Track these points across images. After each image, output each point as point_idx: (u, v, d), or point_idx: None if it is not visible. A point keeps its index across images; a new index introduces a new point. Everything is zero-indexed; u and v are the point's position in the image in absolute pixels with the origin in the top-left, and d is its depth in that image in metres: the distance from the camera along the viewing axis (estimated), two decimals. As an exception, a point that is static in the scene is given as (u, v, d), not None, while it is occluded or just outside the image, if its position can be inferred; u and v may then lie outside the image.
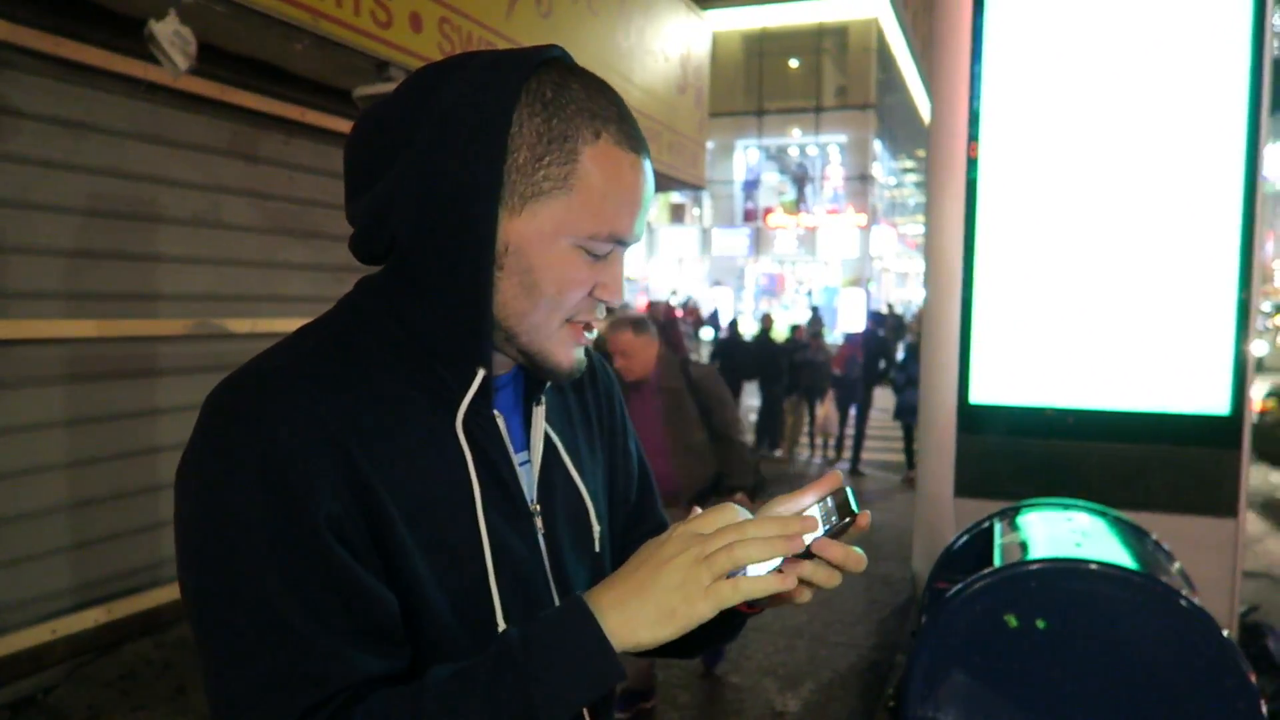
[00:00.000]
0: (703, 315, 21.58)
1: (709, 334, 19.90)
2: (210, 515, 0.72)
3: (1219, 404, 3.47)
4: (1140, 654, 1.92)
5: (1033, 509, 2.71)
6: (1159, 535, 2.59)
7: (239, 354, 0.85)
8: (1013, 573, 2.04)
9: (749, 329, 14.45)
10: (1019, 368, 3.71)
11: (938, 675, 2.02)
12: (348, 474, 0.74)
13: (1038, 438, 3.67)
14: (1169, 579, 2.07)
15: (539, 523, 0.88)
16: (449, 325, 0.80)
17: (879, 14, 25.89)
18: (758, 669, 4.08)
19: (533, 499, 0.89)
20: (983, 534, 2.72)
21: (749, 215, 29.00)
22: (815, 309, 18.93)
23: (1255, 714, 1.83)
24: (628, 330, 3.26)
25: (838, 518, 0.77)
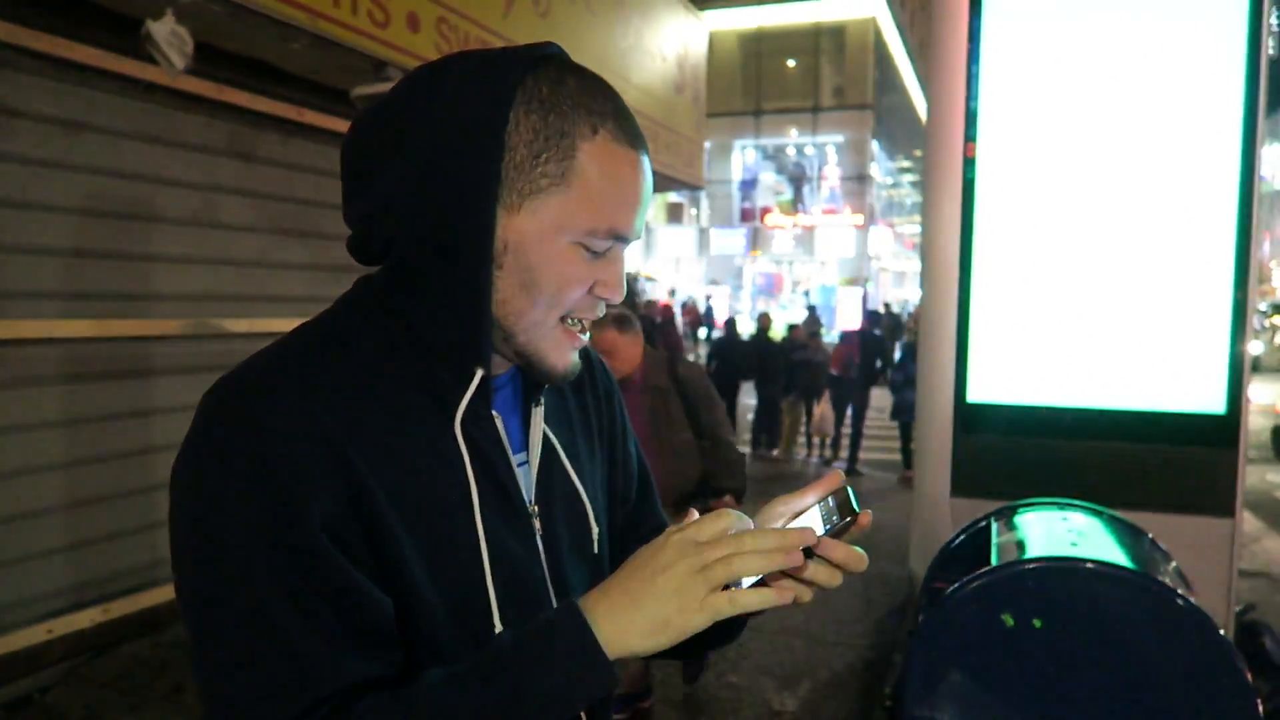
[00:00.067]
0: (700, 315, 21.61)
1: (703, 333, 19.94)
2: (204, 516, 0.72)
3: (1215, 403, 3.48)
4: (1137, 653, 1.93)
5: (1029, 508, 2.72)
6: (1155, 534, 2.59)
7: (236, 354, 0.85)
8: (1009, 572, 2.04)
9: (746, 328, 14.44)
10: (1016, 367, 3.72)
11: (935, 674, 2.02)
12: (343, 475, 0.73)
13: (1035, 437, 3.67)
14: (1166, 578, 2.07)
15: (537, 524, 0.88)
16: (447, 324, 0.79)
17: (876, 14, 25.92)
18: (755, 668, 4.08)
19: (531, 500, 0.88)
20: (979, 533, 2.72)
21: (746, 215, 29.02)
22: (812, 308, 18.95)
23: (1252, 713, 1.83)
24: (612, 328, 3.19)
25: (839, 517, 0.77)
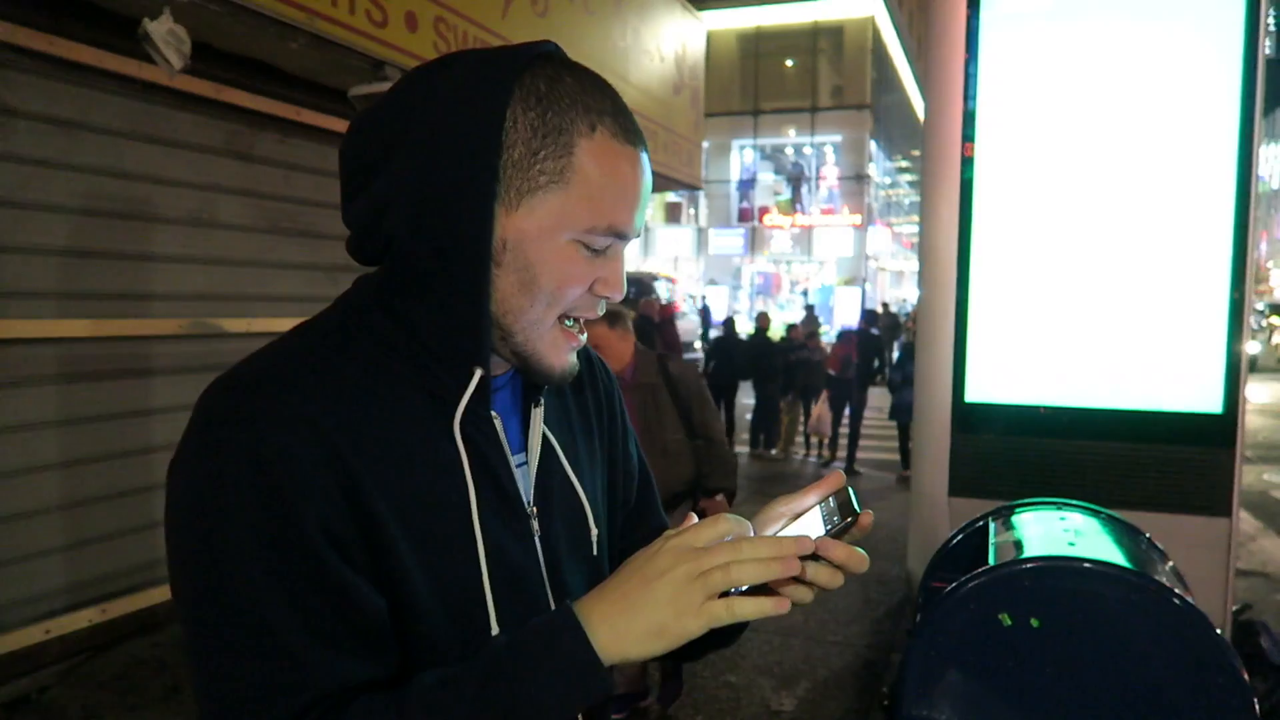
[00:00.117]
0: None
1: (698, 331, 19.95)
2: (199, 516, 0.71)
3: (1213, 403, 3.49)
4: (1134, 653, 1.93)
5: (1027, 508, 2.72)
6: (1152, 534, 2.60)
7: (234, 353, 0.85)
8: (1007, 571, 2.04)
9: (744, 328, 14.46)
10: (1014, 366, 3.72)
11: (932, 674, 2.03)
12: (339, 476, 0.73)
13: (1032, 436, 3.68)
14: (1163, 578, 2.07)
15: (536, 525, 0.87)
16: (446, 324, 0.79)
17: (875, 14, 25.93)
18: (753, 668, 4.08)
19: (530, 501, 0.88)
20: (977, 533, 2.72)
21: (744, 215, 29.02)
22: (810, 307, 18.99)
23: (1249, 712, 1.84)
24: (602, 323, 3.13)
25: (839, 518, 0.77)
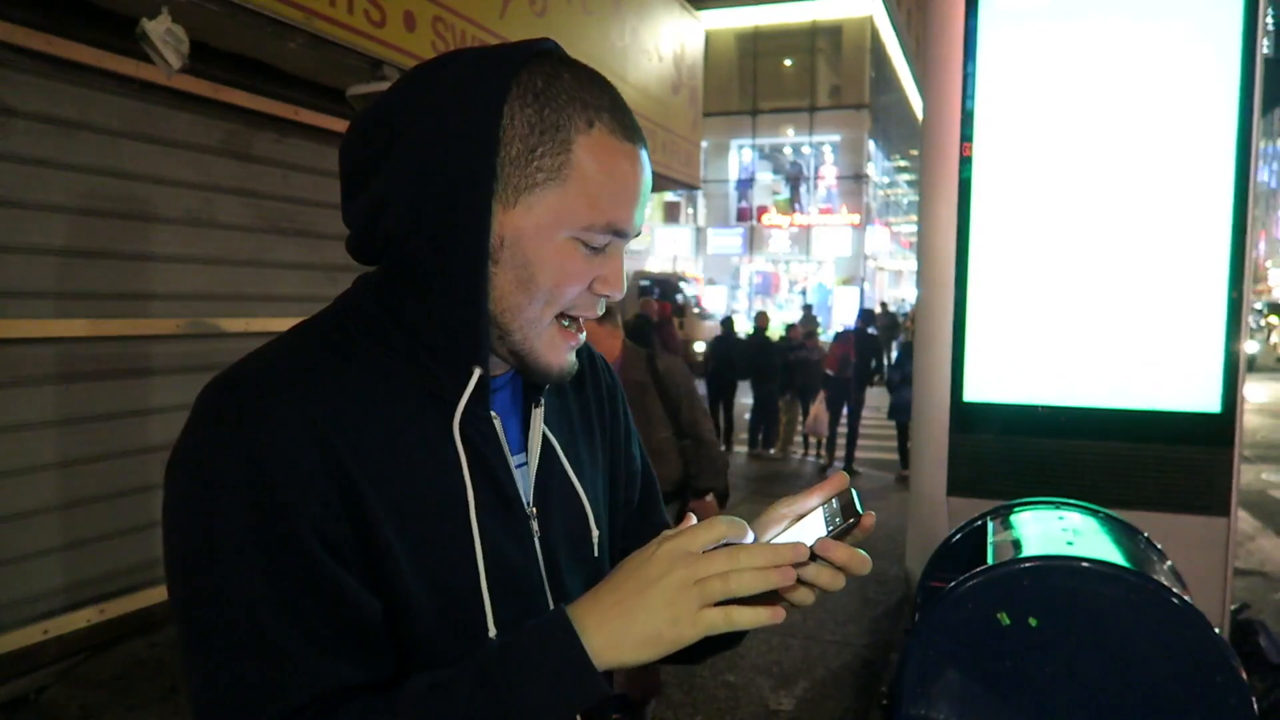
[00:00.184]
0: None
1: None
2: (194, 515, 0.71)
3: (1211, 402, 3.49)
4: (1132, 652, 1.93)
5: (1025, 507, 2.72)
6: (1151, 533, 2.60)
7: (232, 353, 0.84)
8: (1005, 571, 2.04)
9: (743, 327, 14.46)
10: (1012, 366, 3.73)
11: (931, 673, 2.03)
12: (336, 477, 0.73)
13: (1031, 436, 3.68)
14: (1161, 577, 2.08)
15: (535, 526, 0.87)
16: (444, 322, 0.79)
17: (873, 13, 25.93)
18: (752, 667, 4.08)
19: (529, 502, 0.87)
20: (976, 532, 2.72)
21: (743, 215, 29.01)
22: (808, 307, 18.97)
23: (1247, 711, 1.84)
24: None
25: (842, 519, 0.76)
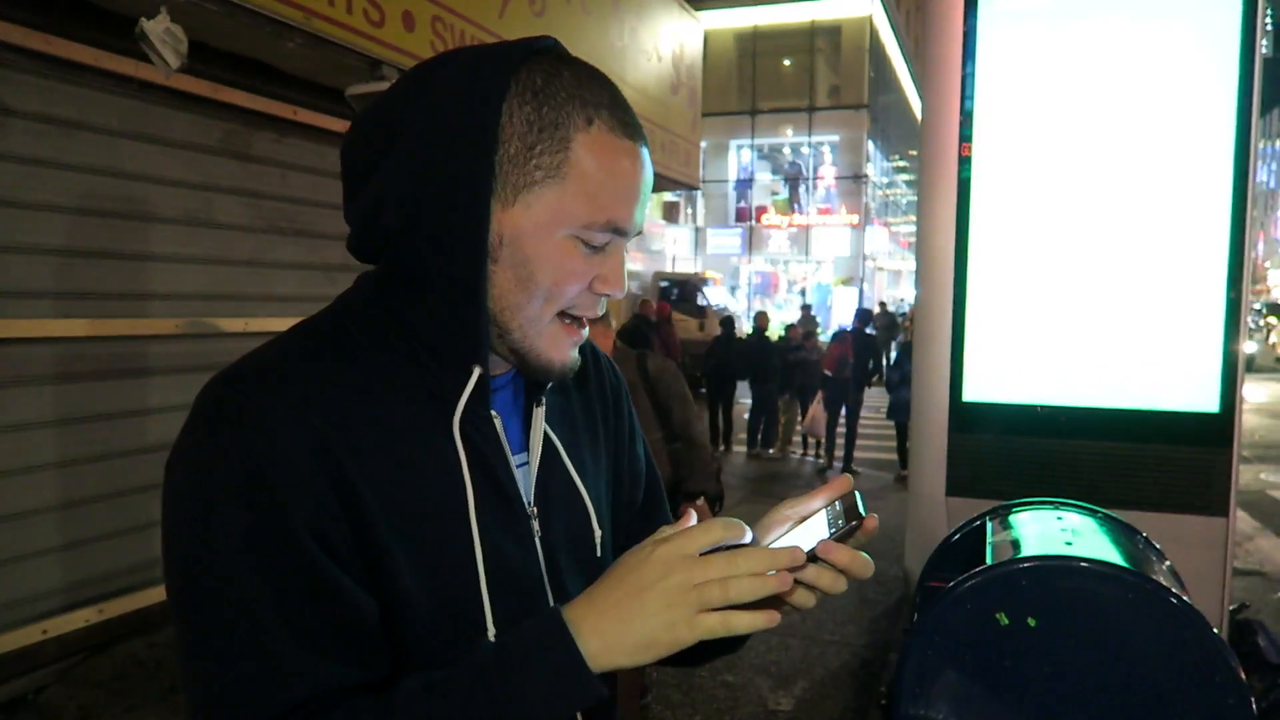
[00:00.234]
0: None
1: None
2: (191, 513, 0.71)
3: (1209, 403, 3.49)
4: (1131, 652, 1.93)
5: (1024, 507, 2.72)
6: (1149, 533, 2.60)
7: (231, 353, 0.84)
8: (1004, 571, 2.04)
9: (743, 327, 14.46)
10: (1011, 366, 3.73)
11: (930, 673, 2.03)
12: (333, 476, 0.73)
13: (1029, 436, 3.68)
14: (1160, 577, 2.08)
15: (536, 526, 0.86)
16: (443, 321, 0.79)
17: (872, 13, 25.93)
18: (750, 667, 4.08)
19: (530, 502, 0.86)
20: (974, 532, 2.72)
21: (742, 215, 28.99)
22: (806, 307, 18.97)
23: (1245, 711, 1.84)
24: None
25: (844, 521, 0.76)
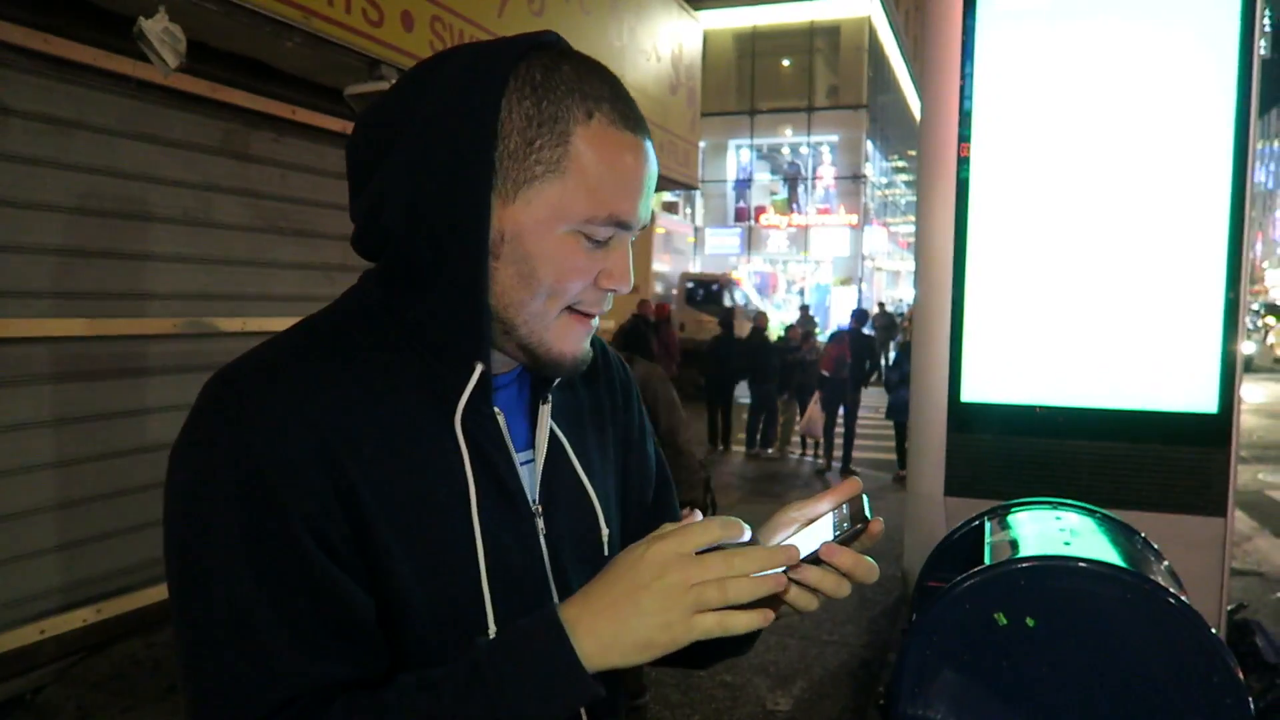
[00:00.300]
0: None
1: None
2: (190, 509, 0.71)
3: (1208, 403, 3.49)
4: (1129, 652, 1.93)
5: (1022, 507, 2.72)
6: (1148, 533, 2.60)
7: (229, 353, 0.84)
8: (1002, 571, 2.04)
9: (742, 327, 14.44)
10: (1010, 366, 3.72)
11: (928, 673, 2.03)
12: (332, 474, 0.72)
13: (1028, 436, 3.67)
14: (1158, 577, 2.08)
15: (541, 524, 0.85)
16: (444, 318, 0.78)
17: (871, 13, 25.93)
18: (749, 667, 4.08)
19: (535, 500, 0.86)
20: (973, 532, 2.72)
21: (741, 215, 29.00)
22: (805, 307, 18.96)
23: (1243, 711, 1.84)
24: None
25: (850, 524, 0.76)
